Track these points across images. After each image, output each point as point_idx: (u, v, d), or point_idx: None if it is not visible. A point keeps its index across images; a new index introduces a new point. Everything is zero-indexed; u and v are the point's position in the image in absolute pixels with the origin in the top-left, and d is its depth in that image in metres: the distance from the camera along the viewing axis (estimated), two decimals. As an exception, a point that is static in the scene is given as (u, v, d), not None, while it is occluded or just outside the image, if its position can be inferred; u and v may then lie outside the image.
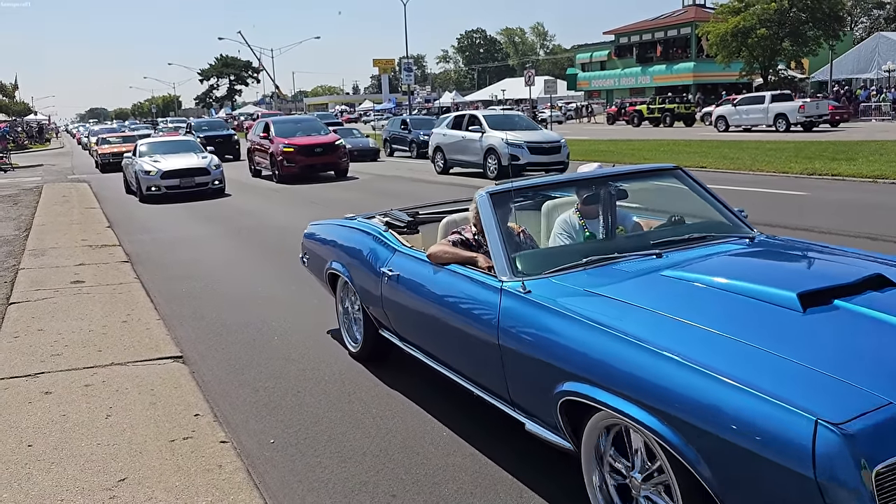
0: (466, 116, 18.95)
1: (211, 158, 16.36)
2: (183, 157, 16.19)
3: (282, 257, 8.75)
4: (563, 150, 16.53)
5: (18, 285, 7.41)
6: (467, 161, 17.99)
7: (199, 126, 31.10)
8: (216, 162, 16.19)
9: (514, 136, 16.06)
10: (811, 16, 39.56)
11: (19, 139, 53.28)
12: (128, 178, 17.12)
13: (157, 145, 17.37)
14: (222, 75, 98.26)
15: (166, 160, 15.71)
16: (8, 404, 4.27)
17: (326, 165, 18.90)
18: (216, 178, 15.78)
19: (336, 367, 4.81)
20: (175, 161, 15.75)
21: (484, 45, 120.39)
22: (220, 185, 15.92)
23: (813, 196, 11.88)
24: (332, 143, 18.93)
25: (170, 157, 15.95)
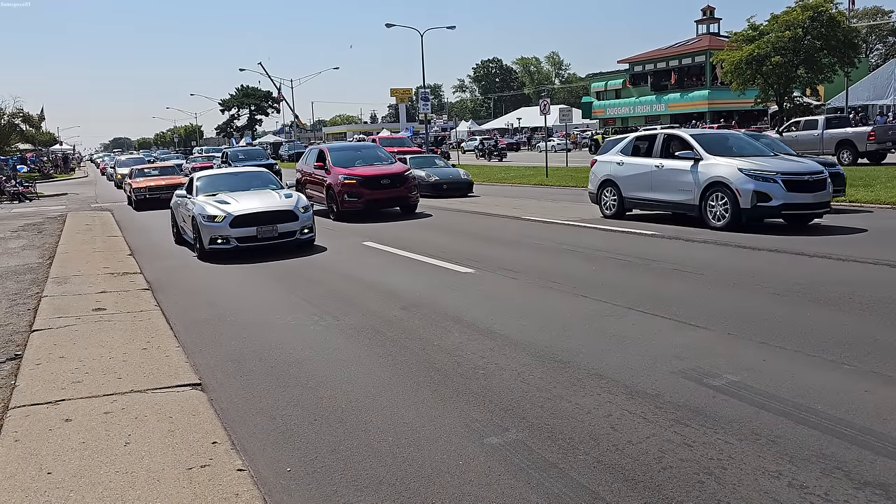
0: (661, 137, 13.10)
1: (298, 198, 11.72)
2: (258, 196, 11.85)
3: (301, 286, 8.81)
4: (828, 186, 11.27)
5: (41, 313, 7.52)
6: (664, 201, 12.64)
7: (236, 155, 28.37)
8: (304, 202, 11.63)
9: (756, 164, 11.28)
10: (826, 43, 39.53)
11: (45, 168, 54.38)
12: (178, 223, 13.03)
13: (221, 179, 13.03)
14: (243, 105, 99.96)
15: (236, 200, 11.37)
16: (29, 431, 4.31)
17: (395, 200, 16.18)
18: (306, 224, 11.31)
19: (353, 396, 4.82)
20: (249, 201, 11.32)
21: (500, 75, 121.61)
22: (310, 234, 11.49)
23: (830, 223, 11.78)
24: (400, 173, 16.25)
25: (241, 197, 11.67)
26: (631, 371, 4.99)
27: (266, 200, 11.48)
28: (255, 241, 10.95)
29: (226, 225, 10.79)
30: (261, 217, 10.98)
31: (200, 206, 11.28)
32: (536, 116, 51.61)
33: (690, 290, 7.43)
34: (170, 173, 23.50)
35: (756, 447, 3.73)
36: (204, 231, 10.92)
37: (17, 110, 50.67)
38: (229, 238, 10.83)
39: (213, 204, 11.24)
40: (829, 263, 8.41)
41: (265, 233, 10.94)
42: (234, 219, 10.82)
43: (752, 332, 5.76)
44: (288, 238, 11.11)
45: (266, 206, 11.18)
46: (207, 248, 10.93)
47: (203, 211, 11.09)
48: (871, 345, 5.28)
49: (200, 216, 11.04)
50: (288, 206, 11.28)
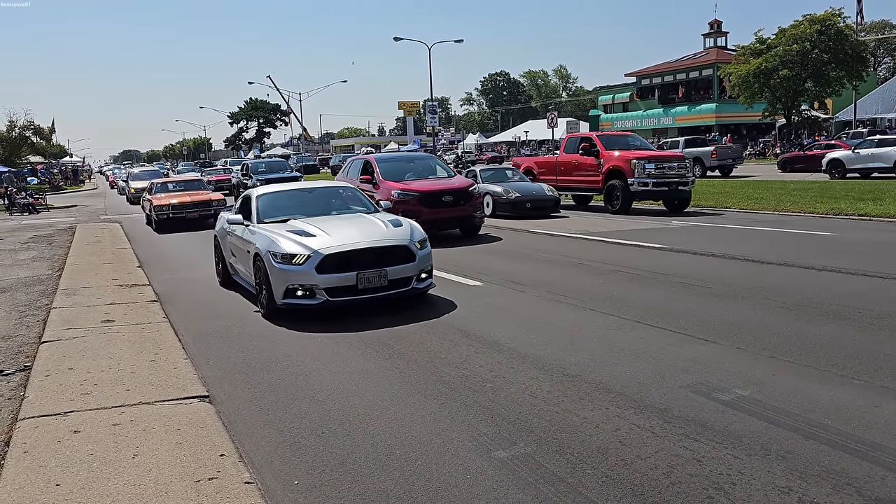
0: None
1: (410, 227, 8.13)
2: (351, 223, 8.24)
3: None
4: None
5: (50, 324, 7.56)
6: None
7: (257, 168, 26.22)
8: (420, 232, 8.08)
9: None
10: (834, 57, 39.59)
11: (55, 181, 54.81)
12: (227, 257, 9.46)
13: (289, 198, 9.29)
14: (251, 118, 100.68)
15: (323, 230, 7.72)
16: (38, 443, 4.33)
17: (458, 220, 13.69)
18: (424, 266, 7.78)
19: (361, 408, 4.82)
20: (341, 232, 7.74)
21: (507, 88, 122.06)
22: (429, 279, 7.95)
23: (840, 237, 11.74)
24: (464, 189, 13.74)
25: (326, 224, 8.01)
26: (639, 385, 4.97)
27: (366, 230, 7.84)
28: (355, 295, 7.21)
29: (310, 269, 7.13)
30: (363, 256, 7.31)
31: (268, 239, 7.63)
32: (544, 129, 51.73)
33: (699, 303, 7.40)
34: (195, 188, 20.83)
35: (766, 462, 3.71)
36: (276, 276, 7.28)
37: (29, 123, 51.24)
38: (315, 289, 7.15)
39: (289, 236, 7.58)
40: (838, 277, 8.37)
41: (370, 281, 7.22)
42: (324, 259, 7.16)
43: (761, 346, 5.73)
44: (401, 288, 7.43)
45: (369, 240, 7.52)
46: (281, 303, 7.28)
47: (274, 246, 7.44)
48: (881, 360, 5.24)
49: (270, 253, 7.38)
50: (400, 238, 7.66)
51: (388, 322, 7.13)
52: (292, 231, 7.77)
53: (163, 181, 22.27)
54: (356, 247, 7.37)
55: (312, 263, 7.17)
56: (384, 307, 7.64)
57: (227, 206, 19.43)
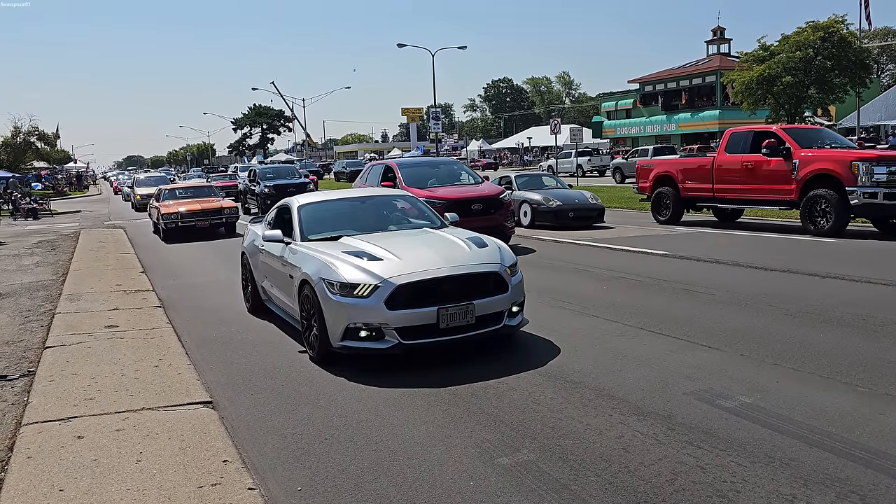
0: None
1: (497, 247, 6.56)
2: (421, 241, 6.70)
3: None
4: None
5: (54, 329, 7.58)
6: None
7: (265, 174, 25.25)
8: (509, 254, 6.51)
9: None
10: (837, 64, 39.57)
11: (59, 186, 55.02)
12: (258, 280, 8.00)
13: (336, 209, 7.82)
14: (255, 124, 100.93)
15: (389, 251, 6.17)
16: (41, 448, 4.34)
17: (488, 231, 10.42)
18: (517, 298, 6.28)
19: (364, 415, 4.82)
20: (413, 252, 6.20)
21: (510, 94, 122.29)
22: (520, 315, 6.36)
23: (843, 244, 11.72)
24: (494, 196, 12.74)
25: (390, 242, 6.48)
26: (642, 392, 4.96)
27: (444, 251, 6.22)
28: (435, 336, 5.67)
29: (378, 303, 5.59)
30: (445, 286, 5.75)
31: (319, 262, 6.12)
32: (547, 136, 51.82)
33: (702, 310, 7.39)
34: (206, 195, 19.72)
35: (770, 470, 3.70)
36: (332, 312, 5.73)
37: (33, 128, 51.45)
38: (384, 328, 5.62)
39: (348, 259, 6.02)
40: (842, 284, 8.35)
41: (454, 318, 5.66)
42: (397, 290, 5.62)
43: (764, 353, 5.72)
44: (491, 326, 5.91)
45: (452, 265, 5.91)
46: (337, 346, 5.75)
47: (329, 271, 5.90)
48: (885, 367, 5.23)
49: (324, 282, 5.85)
50: (488, 262, 6.12)
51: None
52: (350, 252, 6.16)
53: (171, 187, 21.21)
54: (437, 274, 5.74)
55: (381, 296, 5.58)
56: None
57: (237, 214, 18.71)
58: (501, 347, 6.27)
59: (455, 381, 5.40)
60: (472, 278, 5.94)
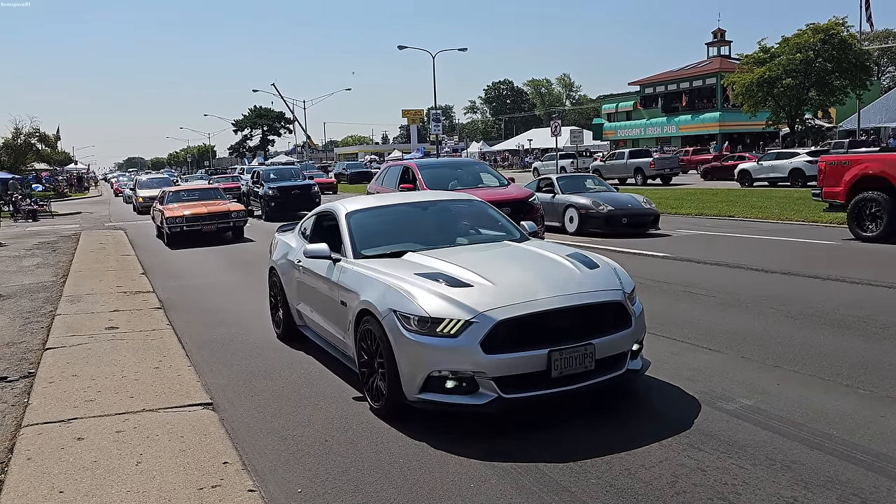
0: None
1: (613, 270, 5.15)
2: (516, 261, 5.32)
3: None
4: None
5: (54, 331, 7.57)
6: None
7: (268, 175, 24.83)
8: (627, 279, 5.07)
9: None
10: (837, 66, 39.61)
11: (59, 187, 55.04)
12: (291, 302, 6.70)
13: (396, 216, 6.48)
14: (256, 126, 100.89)
15: (480, 275, 4.77)
16: (41, 450, 4.33)
17: None
18: (639, 334, 4.94)
19: (364, 417, 4.81)
20: (509, 276, 4.82)
21: (511, 96, 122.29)
22: (639, 353, 4.96)
23: (844, 245, 11.71)
24: (522, 200, 12.45)
25: (479, 263, 5.07)
26: (643, 394, 4.95)
27: (546, 273, 4.96)
28: (546, 388, 4.41)
29: (471, 343, 4.33)
30: (557, 321, 4.53)
31: (384, 286, 4.85)
32: (548, 138, 51.83)
33: (703, 312, 7.39)
34: (212, 197, 18.70)
35: (771, 472, 3.69)
36: (408, 354, 4.46)
37: (34, 130, 51.44)
38: (479, 378, 4.35)
39: (424, 284, 4.73)
40: (842, 286, 8.35)
41: (569, 362, 4.41)
42: (497, 327, 4.36)
43: (765, 355, 5.72)
44: (613, 372, 4.65)
45: (563, 293, 4.63)
46: (414, 399, 4.52)
47: (401, 300, 4.62)
48: (886, 369, 5.22)
49: (396, 315, 4.56)
50: (607, 288, 4.82)
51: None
52: (425, 275, 4.82)
53: (175, 190, 20.31)
54: (547, 305, 4.45)
55: (476, 335, 4.28)
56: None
57: (245, 217, 17.64)
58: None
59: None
60: (591, 310, 4.63)
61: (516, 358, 4.32)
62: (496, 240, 6.15)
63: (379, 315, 4.65)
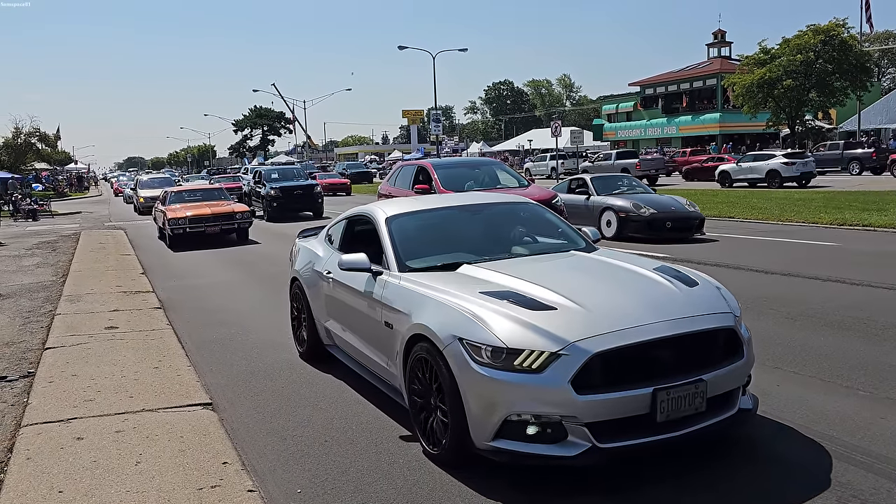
0: None
1: (715, 287, 4.38)
2: (597, 276, 4.57)
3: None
4: None
5: (54, 330, 7.57)
6: None
7: (269, 175, 24.49)
8: (733, 299, 4.34)
9: None
10: (838, 67, 39.63)
11: (59, 187, 55.06)
12: (318, 318, 5.93)
13: (443, 220, 5.59)
14: (256, 126, 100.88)
15: (561, 293, 3.99)
16: (40, 449, 4.33)
17: None
18: (748, 366, 4.13)
19: (364, 417, 4.81)
20: (595, 295, 4.05)
21: (511, 97, 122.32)
22: (747, 387, 4.16)
23: (844, 247, 11.71)
24: (546, 202, 11.27)
25: (551, 277, 4.35)
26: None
27: (641, 292, 4.21)
28: (651, 434, 3.63)
29: (560, 381, 3.54)
30: (661, 352, 3.79)
31: (447, 308, 4.07)
32: (548, 138, 51.85)
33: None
34: (216, 198, 18.22)
35: (769, 473, 3.69)
36: (478, 392, 3.68)
37: (34, 129, 51.44)
38: (568, 423, 3.56)
39: (493, 305, 3.95)
40: (842, 288, 8.34)
41: (678, 403, 3.65)
42: (592, 360, 3.60)
43: (765, 356, 5.71)
44: (724, 413, 3.90)
45: (667, 317, 3.87)
46: (487, 447, 3.72)
47: (469, 326, 3.83)
48: (886, 371, 5.22)
49: (460, 342, 3.78)
50: (714, 311, 4.08)
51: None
52: (493, 294, 4.05)
53: (177, 190, 19.77)
54: (652, 334, 3.70)
55: (566, 370, 3.53)
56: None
57: (250, 219, 17.02)
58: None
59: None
60: (700, 339, 3.84)
61: (616, 399, 3.54)
62: (559, 249, 5.34)
63: (439, 342, 3.86)
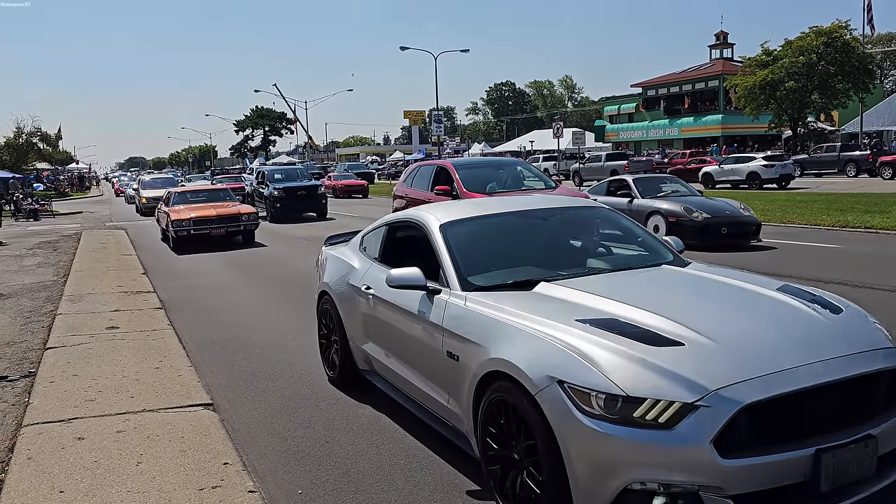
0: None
1: (863, 316, 3.55)
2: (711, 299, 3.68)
3: (309, 303, 8.82)
4: None
5: (55, 330, 7.57)
6: None
7: (272, 175, 23.99)
8: (885, 330, 3.42)
9: None
10: (840, 69, 39.62)
11: (60, 187, 55.14)
12: (353, 338, 5.14)
13: (501, 228, 4.76)
14: (257, 126, 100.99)
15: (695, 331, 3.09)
16: (41, 449, 4.32)
17: None
18: None
19: (365, 418, 4.80)
20: (729, 329, 3.16)
21: (513, 98, 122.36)
22: None
23: (846, 249, 11.69)
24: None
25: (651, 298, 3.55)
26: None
27: (779, 320, 3.35)
28: None
29: (698, 440, 2.72)
30: (820, 401, 2.92)
31: (538, 341, 3.21)
32: (549, 139, 51.83)
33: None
34: (220, 199, 17.66)
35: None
36: (588, 451, 2.85)
37: (36, 129, 51.51)
38: (708, 495, 2.72)
39: (598, 338, 3.09)
40: (844, 290, 8.31)
41: (845, 466, 2.83)
42: (740, 414, 2.75)
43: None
44: (889, 480, 2.99)
45: (823, 356, 3.03)
46: None
47: (573, 366, 2.98)
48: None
49: (563, 387, 2.94)
50: (874, 347, 3.22)
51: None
52: (594, 322, 3.25)
53: (181, 190, 19.22)
54: (812, 379, 2.92)
55: (705, 426, 2.76)
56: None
57: (257, 220, 16.57)
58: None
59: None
60: (863, 383, 3.05)
61: (771, 463, 2.73)
62: (645, 262, 4.46)
63: (530, 385, 3.03)
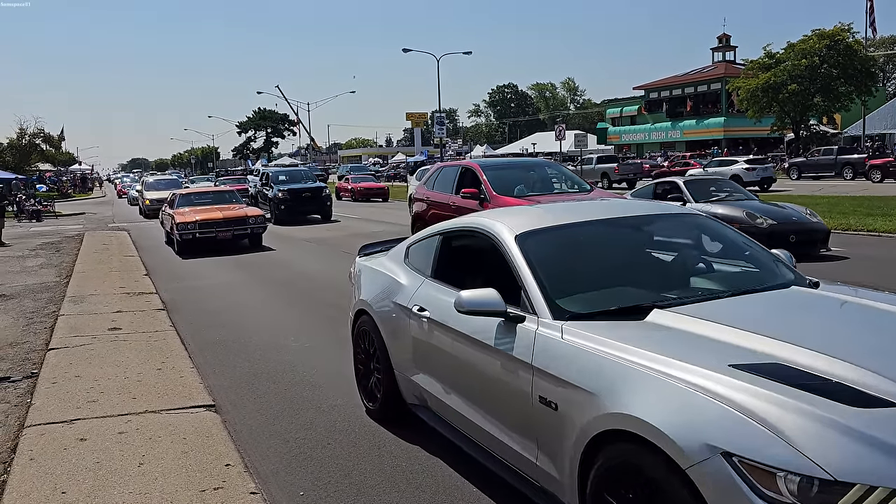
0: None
1: None
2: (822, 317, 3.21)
3: (313, 305, 8.82)
4: None
5: (58, 331, 7.58)
6: None
7: (276, 177, 23.69)
8: None
9: None
10: (842, 72, 39.61)
11: (63, 188, 55.24)
12: (399, 367, 4.38)
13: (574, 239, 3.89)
14: (260, 128, 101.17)
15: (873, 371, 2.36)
16: (44, 450, 4.33)
17: None
18: None
19: (366, 419, 4.80)
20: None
21: (515, 100, 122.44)
22: None
23: (848, 251, 11.68)
24: None
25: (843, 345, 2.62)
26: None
27: None
28: None
29: None
30: None
31: (680, 391, 2.41)
32: (552, 142, 51.86)
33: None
34: (226, 201, 17.28)
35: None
36: None
37: (39, 130, 51.56)
38: None
39: (774, 394, 2.26)
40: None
41: None
42: None
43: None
44: None
45: None
46: None
47: (747, 432, 2.17)
48: (892, 377, 5.18)
49: (731, 460, 2.14)
50: None
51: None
52: (755, 369, 2.45)
53: (186, 192, 18.78)
54: None
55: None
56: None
57: (264, 223, 16.11)
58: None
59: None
60: None
61: None
62: (766, 282, 3.70)
63: (679, 456, 2.28)
